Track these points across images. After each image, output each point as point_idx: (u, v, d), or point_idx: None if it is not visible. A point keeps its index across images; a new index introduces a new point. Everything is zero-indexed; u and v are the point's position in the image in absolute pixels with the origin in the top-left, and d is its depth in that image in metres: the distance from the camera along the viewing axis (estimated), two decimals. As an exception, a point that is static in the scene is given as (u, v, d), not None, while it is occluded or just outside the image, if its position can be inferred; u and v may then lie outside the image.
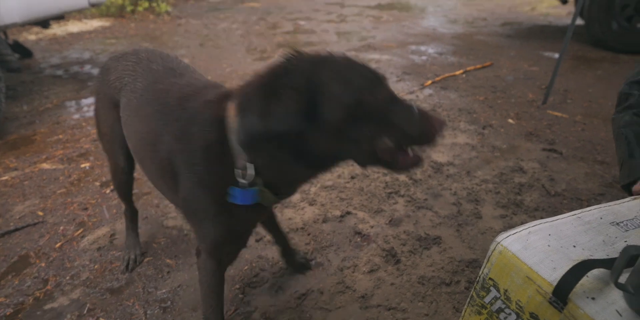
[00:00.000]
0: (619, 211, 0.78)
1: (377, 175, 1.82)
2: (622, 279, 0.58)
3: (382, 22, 5.88)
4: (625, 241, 0.70)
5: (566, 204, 1.60)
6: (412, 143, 0.73)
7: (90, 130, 2.35)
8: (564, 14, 5.79)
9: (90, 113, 2.59)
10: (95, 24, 5.70)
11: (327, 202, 1.66)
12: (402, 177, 1.80)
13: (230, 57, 3.94)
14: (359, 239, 1.45)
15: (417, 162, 0.76)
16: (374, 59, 3.72)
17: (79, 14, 6.04)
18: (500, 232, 1.45)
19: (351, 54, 3.82)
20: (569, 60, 3.44)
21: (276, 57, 3.82)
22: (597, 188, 1.69)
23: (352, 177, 1.81)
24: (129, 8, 6.19)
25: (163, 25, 5.72)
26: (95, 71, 3.51)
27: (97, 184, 1.84)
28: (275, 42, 4.58)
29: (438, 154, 1.99)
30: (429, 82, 2.97)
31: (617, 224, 0.74)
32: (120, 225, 1.55)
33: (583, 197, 1.64)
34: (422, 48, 4.11)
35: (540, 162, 1.88)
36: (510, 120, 2.32)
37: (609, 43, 3.70)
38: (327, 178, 1.82)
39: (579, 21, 3.77)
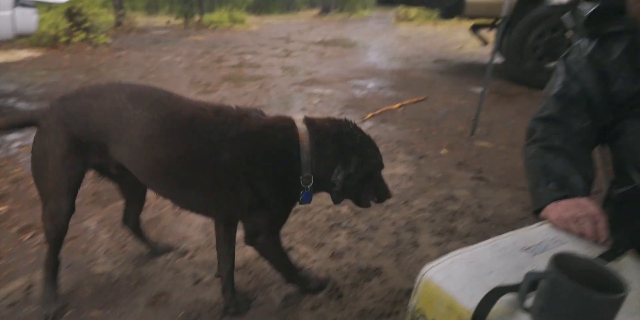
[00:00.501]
0: (528, 237, 0.86)
1: (320, 208, 1.84)
2: (530, 302, 0.63)
3: (326, 57, 6.15)
4: (533, 266, 0.76)
5: (494, 229, 1.71)
6: (379, 199, 1.19)
7: (10, 170, 2.16)
8: (487, 54, 6.44)
9: (11, 151, 2.39)
10: (23, 54, 5.39)
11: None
12: (344, 209, 1.83)
13: (173, 90, 3.87)
14: (301, 275, 1.44)
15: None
16: (317, 93, 3.86)
17: (5, 43, 5.68)
18: (435, 259, 1.50)
19: (296, 88, 3.94)
20: (492, 95, 3.79)
21: (221, 90, 3.84)
22: (519, 213, 1.83)
23: (294, 211, 1.82)
24: (63, 39, 5.92)
25: (101, 57, 5.55)
26: (22, 105, 3.29)
27: (14, 230, 1.68)
28: (220, 75, 4.60)
29: (378, 184, 2.06)
30: (369, 115, 3.12)
31: (527, 249, 0.81)
32: (39, 275, 1.41)
33: (508, 221, 1.76)
34: (363, 83, 4.34)
35: (471, 190, 2.02)
36: (443, 151, 2.48)
37: (524, 80, 4.16)
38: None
39: (500, 60, 4.21)
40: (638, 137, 1.00)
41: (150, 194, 1.42)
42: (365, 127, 2.88)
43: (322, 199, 1.82)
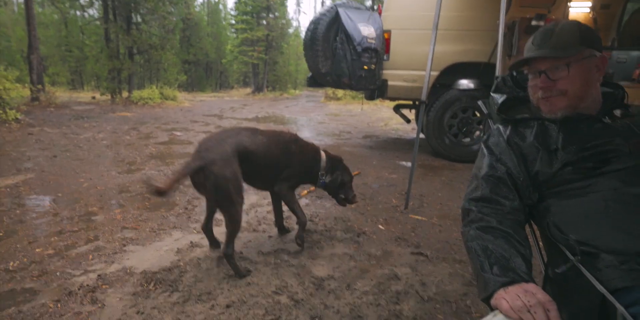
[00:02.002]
0: (487, 331, 0.79)
1: (255, 300, 1.64)
2: None
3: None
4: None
5: (439, 308, 1.64)
6: (350, 201, 2.24)
7: None
8: (410, 130, 7.06)
9: None
10: None
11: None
12: (284, 299, 1.65)
13: (91, 170, 3.57)
14: None
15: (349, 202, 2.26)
16: (251, 169, 3.79)
17: None
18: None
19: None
20: (419, 168, 4.04)
21: (147, 169, 3.60)
22: (460, 288, 1.80)
23: (228, 306, 1.59)
24: (-36, 114, 5.39)
25: (8, 134, 5.07)
26: None
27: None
28: (147, 153, 4.39)
29: (318, 267, 1.93)
30: (305, 192, 3.09)
31: (488, 347, 0.74)
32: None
33: (451, 298, 1.71)
34: (297, 158, 4.39)
35: (411, 267, 1.97)
36: (380, 226, 2.47)
37: (445, 154, 4.54)
38: (198, 310, 1.56)
39: (422, 136, 4.60)
40: (562, 216, 1.04)
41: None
42: (301, 204, 2.82)
43: (260, 290, 1.64)
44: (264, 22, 22.33)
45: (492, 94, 1.39)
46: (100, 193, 2.95)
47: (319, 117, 9.26)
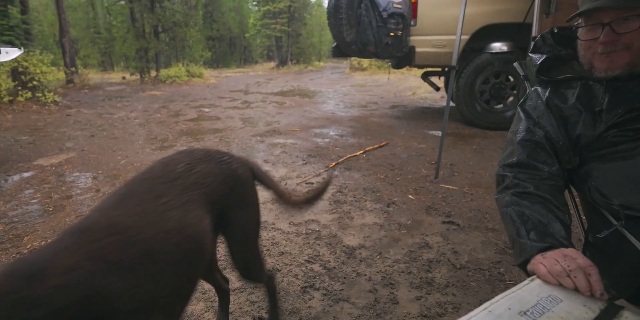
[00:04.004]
0: (523, 298, 0.78)
1: (289, 269, 1.69)
2: None
3: (285, 107, 6.26)
4: (534, 333, 0.67)
5: (472, 276, 1.64)
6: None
7: None
8: (438, 98, 6.84)
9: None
10: (-38, 116, 5.07)
11: (236, 309, 1.46)
12: (316, 268, 1.70)
13: (127, 147, 3.71)
14: (273, 351, 1.26)
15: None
16: (279, 143, 3.82)
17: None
18: (418, 316, 1.38)
19: (257, 139, 3.89)
20: (449, 137, 3.93)
21: (179, 145, 3.71)
22: (493, 256, 1.78)
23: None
24: (5, 98, 5.66)
25: (49, 115, 5.32)
26: (-47, 171, 2.98)
27: None
28: (178, 129, 4.50)
29: (349, 237, 1.96)
30: (333, 163, 3.10)
31: (525, 313, 0.73)
32: None
33: (484, 266, 1.70)
34: (324, 131, 4.38)
35: (443, 236, 1.96)
36: (410, 196, 2.45)
37: (476, 121, 4.38)
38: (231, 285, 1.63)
39: (452, 104, 4.44)
40: (605, 180, 0.99)
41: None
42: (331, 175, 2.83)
43: (292, 259, 1.70)
44: (286, -9, 21.72)
45: (530, 54, 1.30)
46: (137, 169, 3.07)
47: (344, 89, 9.11)
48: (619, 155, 0.98)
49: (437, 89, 5.38)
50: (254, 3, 24.57)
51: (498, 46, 4.31)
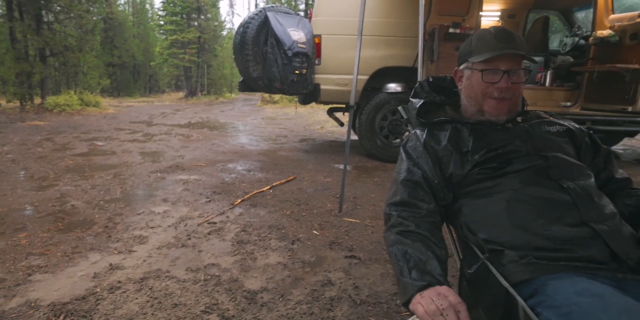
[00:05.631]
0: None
1: (182, 314, 1.54)
2: None
3: (192, 140, 6.02)
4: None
5: (371, 311, 1.67)
6: None
7: None
8: (345, 132, 7.20)
9: None
10: None
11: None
12: (214, 318, 1.57)
13: (-8, 188, 3.17)
14: None
15: None
16: (182, 180, 3.61)
17: None
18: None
19: (157, 176, 3.63)
20: (354, 171, 4.12)
21: (61, 185, 3.28)
22: (391, 287, 1.85)
23: (151, 332, 1.48)
24: None
25: None
26: None
27: None
28: (63, 166, 4.00)
29: (251, 280, 1.87)
30: (239, 200, 3.01)
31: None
32: None
33: (383, 299, 1.75)
34: (232, 166, 4.27)
35: (345, 271, 1.99)
36: (315, 232, 2.47)
37: (378, 155, 4.69)
38: (116, 340, 1.43)
39: (356, 137, 4.71)
40: (472, 216, 1.11)
41: None
42: (234, 214, 2.74)
43: (187, 311, 1.54)
44: (195, 23, 21.57)
45: (411, 99, 1.44)
46: (2, 216, 2.61)
47: (255, 121, 9.13)
48: (481, 192, 1.11)
49: (342, 124, 5.68)
50: (161, 32, 23.86)
51: (393, 86, 4.77)
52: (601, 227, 0.96)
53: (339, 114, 5.60)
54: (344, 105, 5.37)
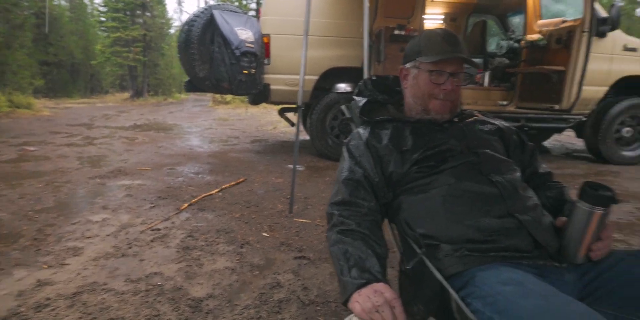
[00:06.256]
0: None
1: (120, 337, 1.45)
2: None
3: (137, 143, 5.73)
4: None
5: (320, 311, 1.67)
6: None
7: None
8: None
9: None
10: None
11: None
12: (154, 330, 1.49)
13: None
14: None
15: None
16: (124, 185, 3.42)
17: None
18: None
19: (97, 182, 3.41)
20: (306, 171, 4.12)
21: (-18, 194, 2.98)
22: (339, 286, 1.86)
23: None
24: None
25: None
26: None
27: None
28: (-15, 174, 3.64)
29: (196, 287, 1.80)
30: (186, 205, 2.89)
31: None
32: None
33: (331, 298, 1.76)
34: (179, 169, 4.11)
35: (294, 272, 1.97)
36: (265, 234, 2.43)
37: (329, 155, 4.72)
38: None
39: (307, 137, 4.71)
40: (410, 212, 1.13)
41: None
42: (180, 219, 2.63)
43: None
44: (140, 20, 20.58)
45: (354, 97, 1.45)
46: None
47: (205, 123, 8.86)
48: (419, 189, 1.14)
49: (293, 124, 5.66)
50: (102, 28, 22.48)
51: (343, 86, 4.82)
52: (525, 218, 1.02)
53: (290, 114, 5.58)
54: (295, 106, 5.36)
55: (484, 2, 5.84)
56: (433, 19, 6.11)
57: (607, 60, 4.47)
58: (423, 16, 4.85)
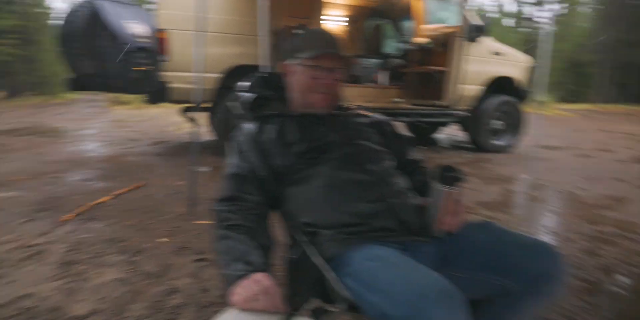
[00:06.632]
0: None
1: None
2: None
3: (11, 150, 4.99)
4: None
5: (219, 310, 1.62)
6: None
7: None
8: (202, 133, 6.91)
9: None
10: None
11: None
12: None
13: None
14: None
15: None
16: (-9, 198, 2.94)
17: None
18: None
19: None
20: (211, 171, 3.97)
21: None
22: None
23: None
24: None
25: None
26: None
27: None
28: None
29: (78, 304, 1.64)
30: (70, 216, 2.59)
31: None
32: None
33: (233, 298, 1.73)
34: (63, 176, 3.68)
35: (193, 275, 1.90)
36: (162, 240, 2.30)
37: (236, 154, 4.64)
38: None
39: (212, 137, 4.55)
40: (294, 203, 1.17)
41: None
42: (63, 231, 2.36)
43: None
44: (14, 8, 17.88)
45: (242, 94, 1.44)
46: None
47: (100, 125, 8.05)
48: (302, 180, 1.18)
49: (195, 124, 5.43)
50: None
51: (245, 85, 4.76)
52: (394, 201, 1.12)
53: (197, 114, 5.33)
54: (196, 104, 5.14)
55: (380, 7, 6.24)
56: (334, 20, 6.36)
57: (481, 63, 5.11)
58: (322, 17, 5.01)
